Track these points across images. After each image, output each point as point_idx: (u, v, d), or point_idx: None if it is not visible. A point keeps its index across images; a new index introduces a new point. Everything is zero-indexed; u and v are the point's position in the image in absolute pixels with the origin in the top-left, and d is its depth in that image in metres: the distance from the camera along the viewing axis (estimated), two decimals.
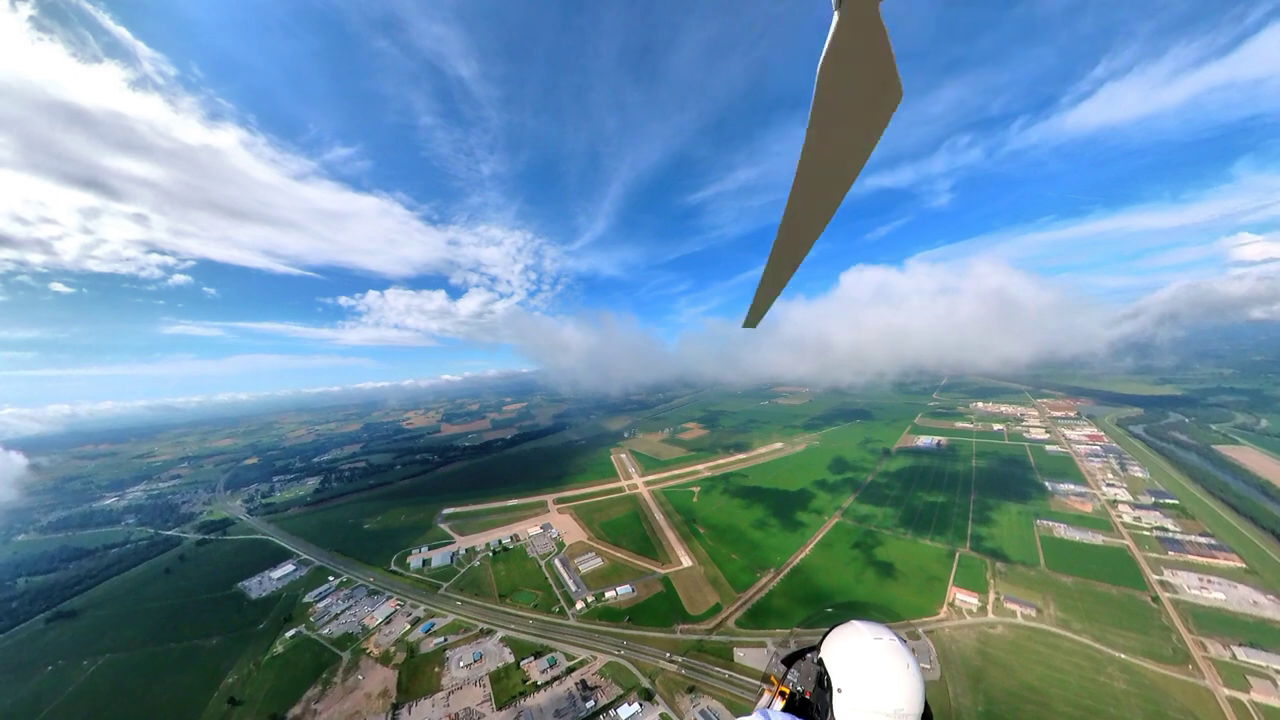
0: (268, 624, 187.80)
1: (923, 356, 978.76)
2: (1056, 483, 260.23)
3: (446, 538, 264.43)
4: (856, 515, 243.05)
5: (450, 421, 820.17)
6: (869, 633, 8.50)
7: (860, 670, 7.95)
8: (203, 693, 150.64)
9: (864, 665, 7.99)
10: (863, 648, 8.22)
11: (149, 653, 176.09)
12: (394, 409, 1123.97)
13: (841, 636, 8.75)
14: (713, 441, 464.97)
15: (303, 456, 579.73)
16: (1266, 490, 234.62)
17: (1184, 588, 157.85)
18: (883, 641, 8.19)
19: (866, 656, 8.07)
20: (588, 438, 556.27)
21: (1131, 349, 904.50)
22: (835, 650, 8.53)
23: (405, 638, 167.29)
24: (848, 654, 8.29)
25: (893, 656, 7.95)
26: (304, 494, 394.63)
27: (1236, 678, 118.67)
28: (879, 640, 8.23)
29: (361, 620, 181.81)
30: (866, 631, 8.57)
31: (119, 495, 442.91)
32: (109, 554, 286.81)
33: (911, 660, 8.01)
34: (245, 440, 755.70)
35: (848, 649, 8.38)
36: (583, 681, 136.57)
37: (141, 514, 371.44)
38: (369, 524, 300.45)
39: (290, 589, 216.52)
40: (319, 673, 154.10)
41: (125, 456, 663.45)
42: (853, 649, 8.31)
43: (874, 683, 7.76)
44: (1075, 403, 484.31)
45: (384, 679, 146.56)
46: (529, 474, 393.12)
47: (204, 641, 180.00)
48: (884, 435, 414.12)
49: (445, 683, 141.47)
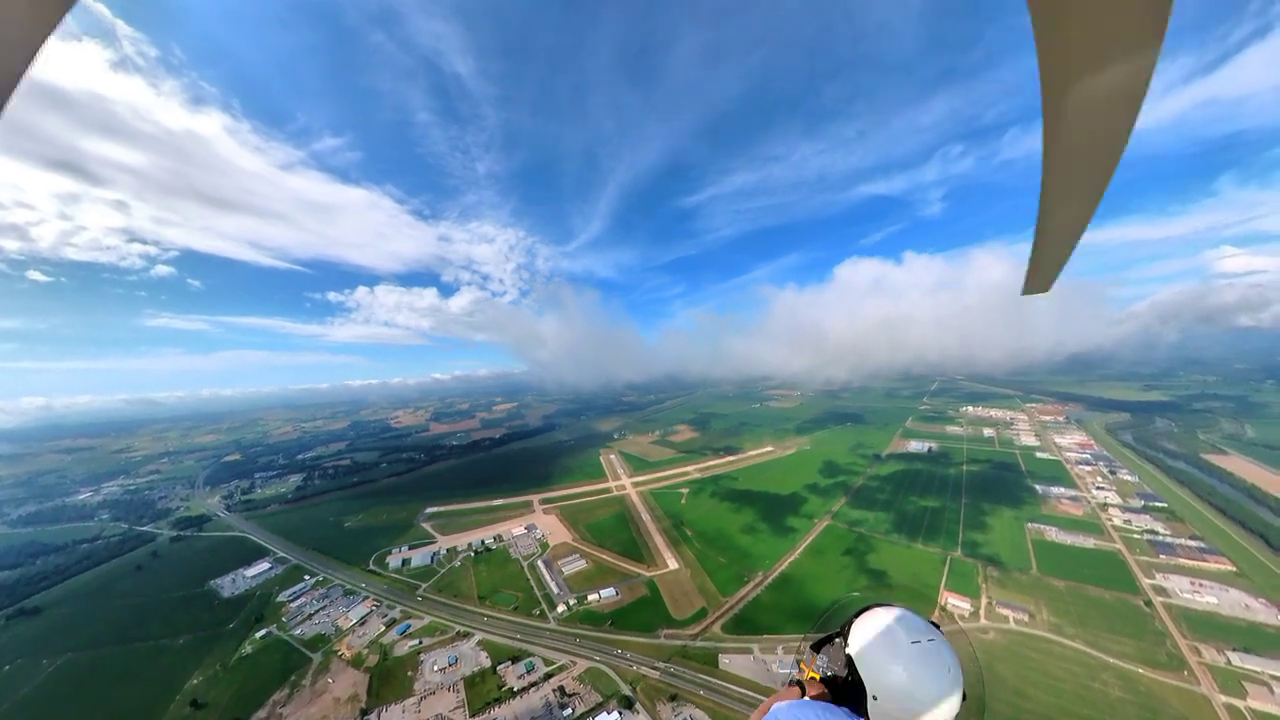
0: (238, 623, 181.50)
1: (923, 350, 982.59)
2: (1047, 486, 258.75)
3: (428, 537, 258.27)
4: (847, 519, 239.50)
5: (439, 420, 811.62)
6: (904, 633, 6.89)
7: (897, 679, 6.55)
8: (165, 694, 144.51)
9: (901, 674, 6.54)
10: (899, 652, 6.73)
11: (112, 652, 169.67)
12: (383, 407, 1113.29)
13: (873, 632, 7.18)
14: (703, 444, 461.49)
15: (286, 453, 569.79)
16: (1253, 494, 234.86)
17: (1176, 591, 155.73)
18: (920, 645, 6.75)
19: (903, 663, 6.60)
20: (577, 438, 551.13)
21: (1125, 351, 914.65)
22: (866, 649, 7.04)
23: (379, 640, 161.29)
24: (882, 658, 6.83)
25: (932, 662, 6.56)
26: (285, 491, 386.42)
27: (1232, 684, 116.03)
28: (916, 644, 6.77)
29: (335, 621, 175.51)
30: (901, 631, 6.91)
31: (94, 490, 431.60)
32: (78, 549, 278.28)
33: (953, 662, 6.65)
34: (229, 437, 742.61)
35: (881, 651, 6.90)
36: (561, 688, 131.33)
37: (116, 509, 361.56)
38: (349, 522, 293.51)
39: (264, 588, 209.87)
40: (288, 675, 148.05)
41: (103, 451, 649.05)
42: (887, 652, 6.85)
43: (911, 693, 6.40)
44: (1064, 408, 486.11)
45: (354, 682, 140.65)
46: (516, 474, 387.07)
47: (171, 641, 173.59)
48: (875, 439, 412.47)
49: (418, 687, 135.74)
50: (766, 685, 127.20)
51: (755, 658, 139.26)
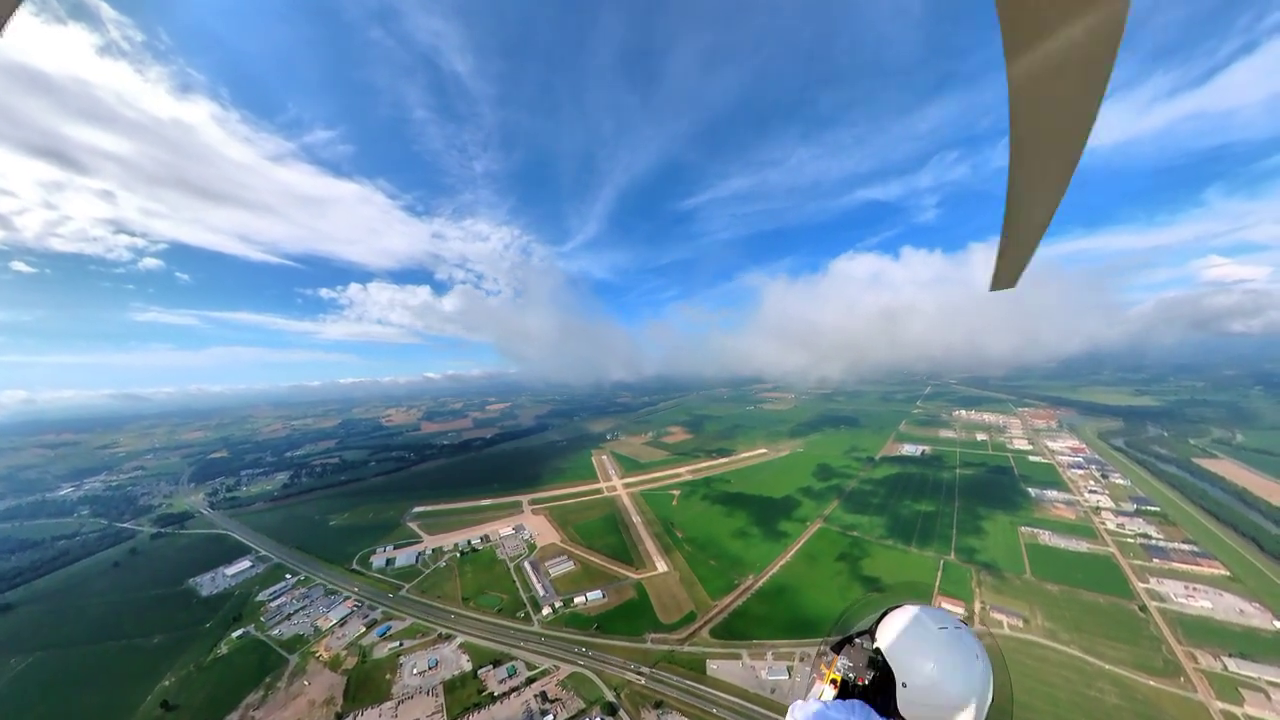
0: (215, 623, 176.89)
1: (925, 345, 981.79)
2: (1040, 490, 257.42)
3: (414, 537, 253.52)
4: (841, 523, 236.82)
5: (431, 420, 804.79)
6: (931, 622, 7.53)
7: (926, 664, 7.01)
8: (135, 696, 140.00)
9: (930, 659, 7.02)
10: (927, 639, 7.27)
11: (84, 651, 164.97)
12: (375, 406, 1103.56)
13: (900, 624, 7.74)
14: (696, 445, 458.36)
15: (275, 451, 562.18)
16: (1244, 498, 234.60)
17: (1170, 596, 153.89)
18: (948, 631, 7.32)
19: (932, 649, 7.11)
20: (570, 439, 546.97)
21: (1117, 357, 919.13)
22: (895, 640, 7.57)
23: (359, 641, 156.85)
24: (911, 646, 7.34)
25: (960, 648, 7.06)
26: (271, 489, 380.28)
27: (1229, 690, 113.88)
28: (944, 630, 7.35)
29: (315, 621, 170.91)
30: (929, 621, 7.59)
31: (75, 485, 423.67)
32: (55, 546, 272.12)
33: (980, 649, 7.15)
34: (217, 433, 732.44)
35: (910, 640, 7.43)
36: (543, 693, 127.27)
37: (96, 505, 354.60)
38: (335, 520, 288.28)
39: (244, 587, 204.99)
40: (263, 677, 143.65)
41: (87, 447, 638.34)
42: (916, 640, 7.37)
43: (941, 677, 6.84)
44: (1056, 413, 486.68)
45: (331, 685, 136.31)
46: (506, 474, 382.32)
47: (145, 640, 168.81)
48: (869, 443, 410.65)
49: (396, 691, 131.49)
50: (755, 693, 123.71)
51: (744, 664, 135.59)
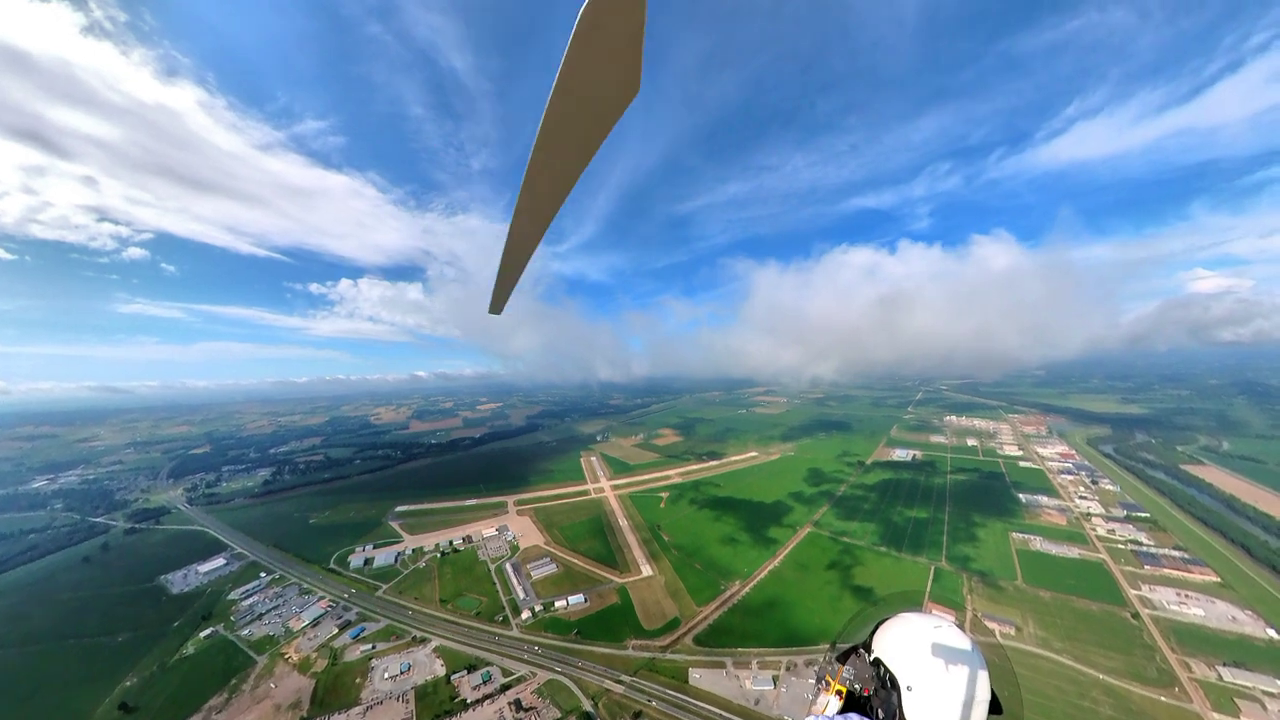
0: (183, 622, 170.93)
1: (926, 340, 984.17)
2: (1031, 495, 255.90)
3: (395, 536, 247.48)
4: (831, 528, 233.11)
5: (421, 418, 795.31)
6: (925, 624, 7.88)
7: (927, 665, 7.33)
8: (94, 697, 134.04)
9: (930, 659, 7.36)
10: (924, 641, 7.58)
11: (45, 649, 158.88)
12: (364, 404, 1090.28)
13: (896, 631, 8.09)
14: (686, 448, 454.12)
15: (258, 447, 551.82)
16: (1232, 505, 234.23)
17: (1163, 603, 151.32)
18: (942, 630, 7.65)
19: (930, 650, 7.45)
20: (560, 439, 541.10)
21: (1104, 366, 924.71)
22: (894, 646, 7.90)
23: (330, 643, 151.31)
24: (909, 649, 7.64)
25: (957, 646, 7.43)
26: (252, 485, 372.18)
27: (1224, 701, 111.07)
28: (939, 629, 7.68)
29: (286, 622, 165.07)
30: (921, 623, 7.95)
31: (50, 479, 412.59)
32: (24, 539, 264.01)
33: (974, 647, 7.49)
34: (200, 429, 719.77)
35: (907, 644, 7.74)
36: (517, 701, 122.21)
37: (70, 499, 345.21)
38: (315, 519, 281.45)
39: (216, 585, 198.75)
40: (228, 678, 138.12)
41: (65, 440, 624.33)
42: (913, 643, 7.67)
43: (943, 676, 7.18)
44: (1045, 419, 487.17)
45: (298, 688, 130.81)
46: (493, 474, 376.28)
47: (109, 639, 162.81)
48: (860, 447, 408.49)
49: (365, 696, 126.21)
50: (739, 704, 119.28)
51: (728, 673, 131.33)
